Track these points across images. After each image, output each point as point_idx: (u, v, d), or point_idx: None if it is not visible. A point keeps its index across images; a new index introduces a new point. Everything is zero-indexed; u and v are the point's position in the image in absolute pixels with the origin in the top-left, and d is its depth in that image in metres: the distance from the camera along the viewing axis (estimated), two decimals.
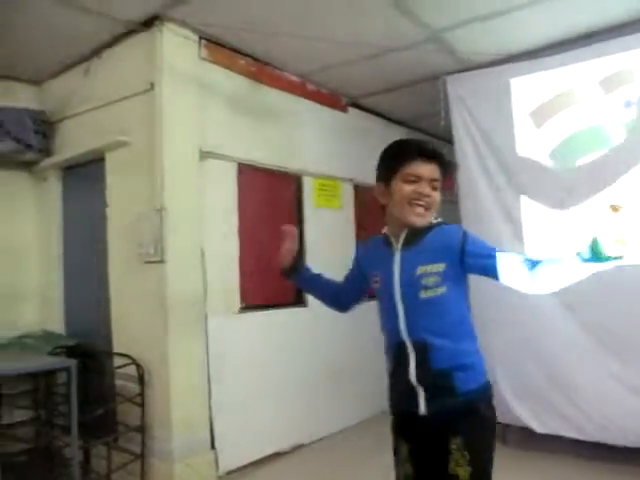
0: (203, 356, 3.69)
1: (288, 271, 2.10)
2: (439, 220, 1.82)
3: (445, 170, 1.81)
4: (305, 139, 4.76)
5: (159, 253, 3.49)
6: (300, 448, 4.35)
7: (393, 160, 1.83)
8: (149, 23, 3.65)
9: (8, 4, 3.30)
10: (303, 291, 2.06)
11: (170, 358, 3.47)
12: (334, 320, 4.78)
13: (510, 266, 1.65)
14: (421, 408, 1.73)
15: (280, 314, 4.36)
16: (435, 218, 1.82)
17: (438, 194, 1.79)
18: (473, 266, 1.71)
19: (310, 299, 4.57)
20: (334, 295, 2.18)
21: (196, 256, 3.69)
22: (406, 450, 1.81)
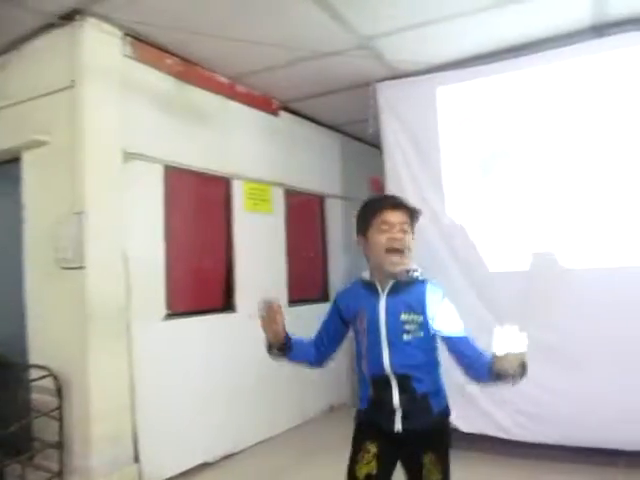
0: (126, 366, 3.54)
1: (277, 350, 2.19)
2: (421, 275, 2.05)
3: (412, 215, 2.04)
4: (235, 142, 4.68)
5: (78, 258, 3.33)
6: (229, 458, 4.26)
7: (366, 214, 2.06)
8: (70, 17, 3.48)
9: None
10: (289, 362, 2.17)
11: (90, 369, 3.31)
12: None
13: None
14: (397, 426, 1.99)
15: (208, 320, 4.26)
16: (414, 270, 2.05)
17: (410, 236, 2.01)
18: (438, 328, 1.98)
19: (239, 304, 4.51)
20: (317, 354, 2.27)
21: (118, 261, 3.54)
22: (374, 451, 2.02)
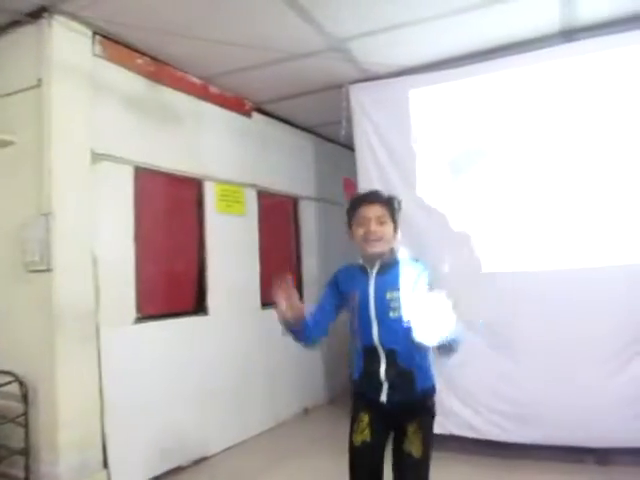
0: (95, 370, 3.47)
1: (292, 325, 2.11)
2: (405, 254, 2.28)
3: (390, 206, 2.25)
4: (207, 143, 4.64)
5: (45, 261, 3.25)
6: (201, 462, 4.22)
7: (350, 210, 2.31)
8: (37, 15, 3.41)
9: None
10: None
11: (57, 374, 3.24)
12: (236, 329, 4.75)
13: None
14: (382, 397, 2.18)
15: (180, 323, 4.21)
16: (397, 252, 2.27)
17: (387, 226, 2.22)
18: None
19: (211, 307, 4.47)
20: (312, 329, 2.22)
21: (87, 264, 3.47)
22: (367, 420, 2.23)
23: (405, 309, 2.13)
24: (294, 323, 2.08)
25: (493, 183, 4.11)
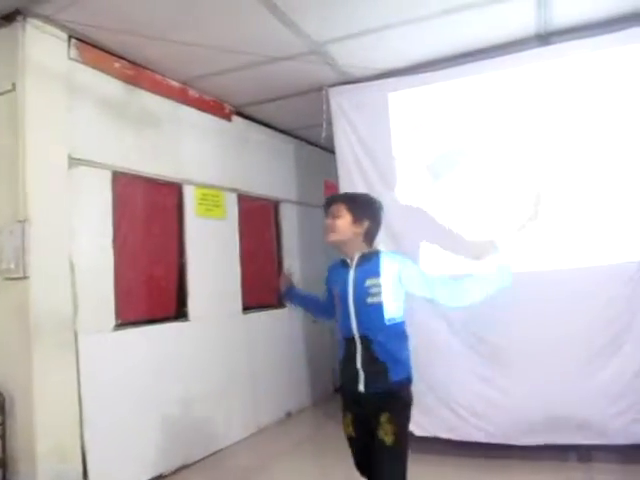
0: (73, 379, 3.42)
1: (286, 293, 2.76)
2: (383, 250, 2.48)
3: (347, 201, 2.50)
4: (187, 147, 4.60)
5: (21, 268, 3.19)
6: (182, 469, 4.17)
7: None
8: (11, 18, 3.34)
9: None
10: (299, 307, 2.95)
11: (35, 384, 3.17)
12: (218, 334, 4.71)
13: (437, 285, 2.38)
14: (361, 387, 2.35)
15: (160, 329, 4.16)
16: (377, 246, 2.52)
17: (341, 219, 2.44)
18: (409, 285, 2.39)
19: (192, 312, 4.43)
20: (324, 307, 2.74)
21: (64, 271, 3.42)
22: (350, 417, 2.46)
23: (384, 296, 2.34)
24: (286, 289, 2.78)
25: (473, 185, 4.13)
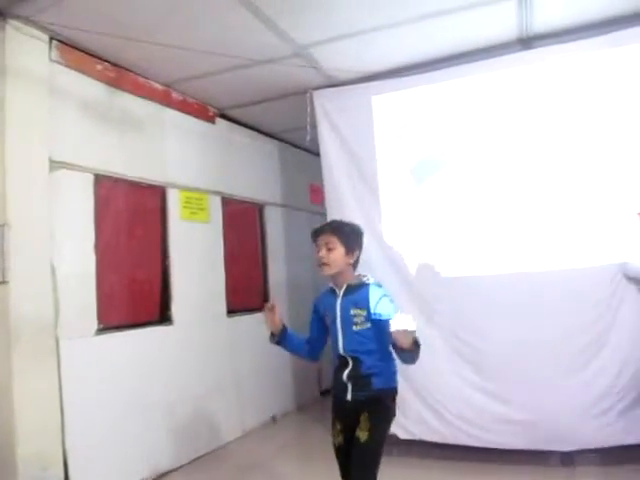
0: (55, 384, 3.37)
1: (276, 336, 2.70)
2: (369, 280, 2.60)
3: (340, 232, 2.59)
4: (170, 150, 4.57)
5: (1, 273, 3.13)
6: (167, 475, 4.13)
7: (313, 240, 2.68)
8: None
9: None
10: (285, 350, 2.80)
11: (15, 390, 3.12)
12: (202, 337, 4.69)
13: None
14: (348, 396, 2.54)
15: (143, 334, 4.12)
16: (364, 276, 2.63)
17: (335, 252, 2.56)
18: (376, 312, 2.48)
19: (176, 316, 4.40)
20: (309, 349, 2.79)
21: (45, 275, 3.37)
22: (339, 427, 2.61)
23: (367, 324, 2.49)
24: (276, 335, 2.67)
25: (454, 188, 4.16)
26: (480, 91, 4.10)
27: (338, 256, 2.57)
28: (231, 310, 5.13)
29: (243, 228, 5.56)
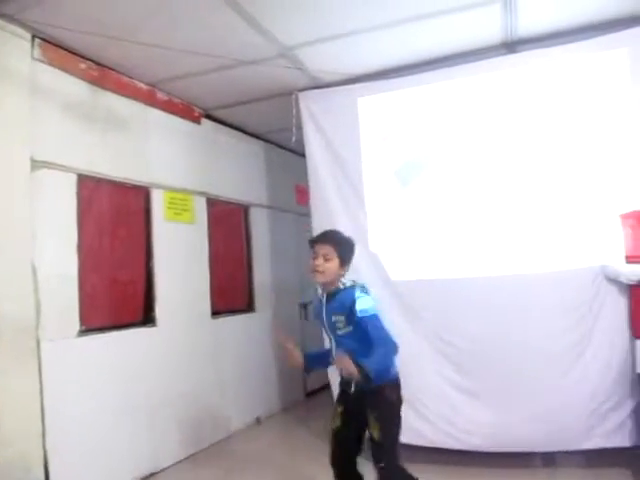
0: (36, 387, 3.32)
1: (304, 368, 2.90)
2: (349, 284, 2.73)
3: (338, 245, 2.75)
4: (154, 150, 4.54)
5: None
6: (152, 476, 4.11)
7: (310, 244, 2.82)
8: None
9: None
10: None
11: None
12: (186, 339, 4.66)
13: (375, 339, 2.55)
14: (352, 389, 2.71)
15: (126, 335, 4.09)
16: (347, 283, 2.74)
17: (331, 263, 2.71)
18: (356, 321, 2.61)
19: (160, 318, 4.38)
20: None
21: (26, 275, 3.33)
22: (340, 410, 2.82)
23: (349, 327, 2.65)
24: (301, 366, 2.87)
25: (438, 191, 4.17)
26: (465, 94, 4.13)
27: (333, 267, 2.72)
28: (216, 311, 5.10)
29: (228, 229, 5.54)
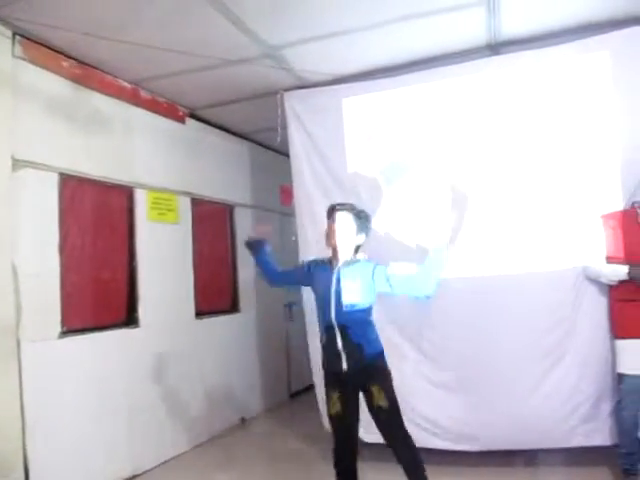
0: (15, 389, 3.28)
1: (254, 244, 3.16)
2: (363, 257, 2.91)
3: (356, 215, 2.91)
4: (138, 149, 4.50)
5: None
6: (134, 479, 4.08)
7: (329, 211, 2.96)
8: None
9: None
10: (256, 261, 3.24)
11: None
12: (169, 340, 4.63)
13: (403, 282, 2.80)
14: (344, 366, 2.77)
15: (109, 336, 4.05)
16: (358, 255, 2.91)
17: (347, 230, 2.86)
18: (378, 283, 2.80)
19: (143, 318, 4.34)
20: (275, 274, 3.22)
21: (7, 276, 3.28)
22: (336, 395, 2.82)
23: (359, 294, 2.77)
24: (259, 242, 3.16)
25: (422, 191, 4.17)
26: (449, 95, 4.13)
27: (350, 233, 2.86)
28: (200, 312, 5.08)
29: (213, 229, 5.51)
